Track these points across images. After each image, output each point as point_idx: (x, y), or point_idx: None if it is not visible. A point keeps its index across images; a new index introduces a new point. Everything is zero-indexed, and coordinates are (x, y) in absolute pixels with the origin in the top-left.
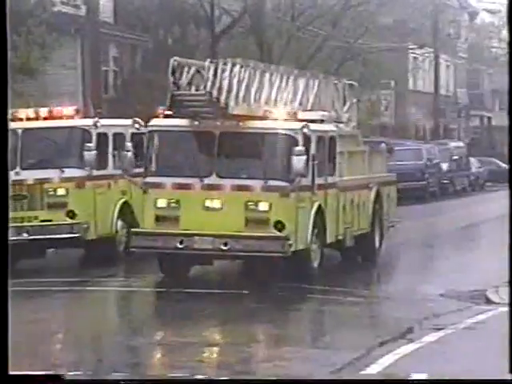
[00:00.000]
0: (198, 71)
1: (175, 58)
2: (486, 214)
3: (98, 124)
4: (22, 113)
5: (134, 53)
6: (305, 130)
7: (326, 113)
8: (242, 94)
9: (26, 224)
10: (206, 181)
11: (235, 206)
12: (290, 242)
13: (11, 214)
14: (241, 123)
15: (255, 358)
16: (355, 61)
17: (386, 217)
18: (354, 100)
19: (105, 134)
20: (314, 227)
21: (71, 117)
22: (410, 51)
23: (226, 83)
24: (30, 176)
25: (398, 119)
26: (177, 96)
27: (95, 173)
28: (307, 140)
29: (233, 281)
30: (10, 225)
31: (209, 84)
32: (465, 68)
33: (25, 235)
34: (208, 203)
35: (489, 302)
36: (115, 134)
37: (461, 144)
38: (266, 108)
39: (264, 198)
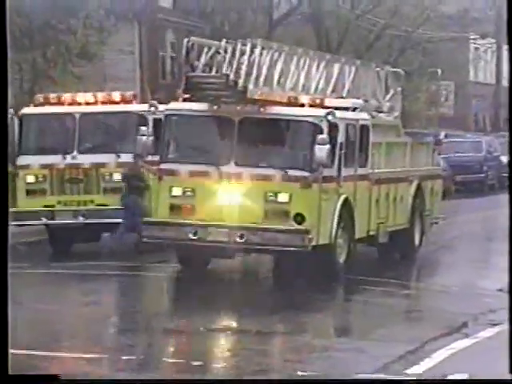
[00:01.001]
0: (217, 52)
1: (190, 38)
2: None
3: (154, 109)
4: (81, 97)
5: None
6: (330, 118)
7: (358, 100)
8: (263, 77)
9: (81, 208)
10: (224, 169)
11: (253, 196)
12: (311, 236)
13: (67, 198)
14: (262, 109)
15: (309, 347)
16: (415, 50)
17: (428, 212)
18: (399, 88)
19: (160, 120)
20: (339, 221)
21: (129, 101)
22: (472, 41)
23: (244, 65)
24: (86, 160)
25: (457, 110)
26: (191, 78)
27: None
28: (333, 128)
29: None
30: (67, 208)
31: (225, 66)
32: None
33: (81, 219)
34: (225, 193)
35: None
36: None
37: None
38: (291, 94)
39: (284, 189)
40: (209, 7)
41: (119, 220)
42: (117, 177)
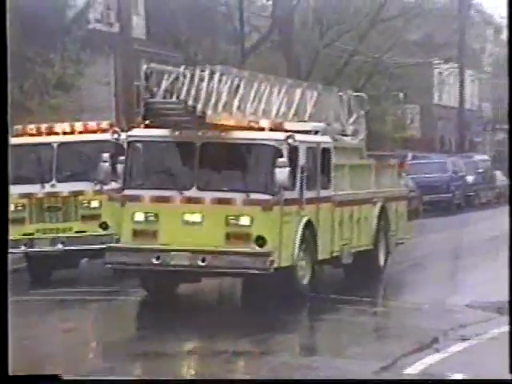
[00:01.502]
0: (177, 78)
1: (149, 64)
2: None
3: (117, 137)
4: (58, 127)
5: None
6: (289, 141)
7: (319, 124)
8: (222, 102)
9: (60, 235)
10: (186, 194)
11: (215, 220)
12: (272, 259)
13: (46, 225)
14: (222, 133)
15: (284, 366)
16: (382, 75)
17: (393, 233)
18: (362, 112)
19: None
20: (301, 243)
21: (105, 130)
22: (436, 66)
23: (203, 91)
24: (64, 188)
25: (424, 132)
26: (150, 104)
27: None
28: (294, 151)
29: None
30: (46, 236)
31: (184, 92)
32: (489, 82)
33: (60, 246)
34: (187, 217)
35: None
36: None
37: (486, 157)
38: (251, 118)
39: (245, 212)
40: (182, 37)
41: (97, 246)
42: (94, 204)
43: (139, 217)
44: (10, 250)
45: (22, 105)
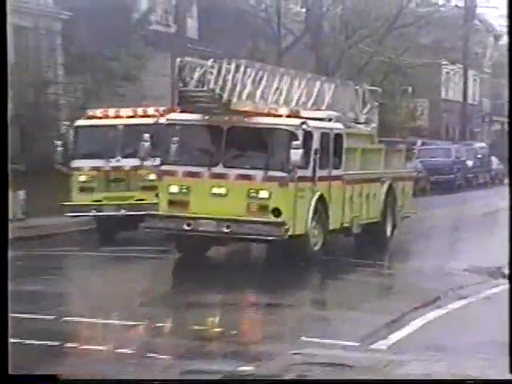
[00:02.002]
0: (206, 71)
1: (182, 58)
2: (504, 203)
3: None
4: (123, 111)
5: None
6: (304, 126)
7: (333, 112)
8: (246, 91)
9: (123, 202)
10: (214, 170)
11: (238, 193)
12: (287, 227)
13: (112, 194)
14: (246, 119)
15: (305, 317)
16: (397, 74)
17: (399, 208)
18: (375, 103)
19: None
20: (314, 214)
21: (162, 115)
22: (443, 66)
23: (229, 81)
24: (127, 163)
25: (431, 123)
26: (183, 92)
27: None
28: (308, 135)
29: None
30: (112, 202)
31: (212, 81)
32: (489, 81)
33: (123, 211)
34: (214, 190)
35: (504, 276)
36: None
37: (484, 145)
38: (272, 106)
39: (264, 187)
40: (228, 38)
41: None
42: (152, 177)
43: (174, 189)
44: (82, 214)
45: (94, 93)
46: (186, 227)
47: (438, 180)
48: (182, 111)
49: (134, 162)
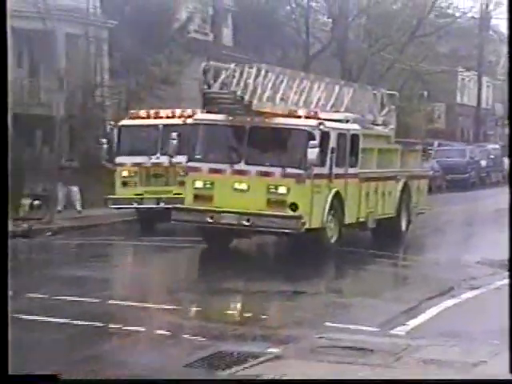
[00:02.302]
0: (230, 74)
1: (207, 62)
2: None
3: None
4: (163, 112)
5: None
6: (321, 127)
7: (350, 114)
8: (266, 94)
9: (162, 196)
10: (236, 167)
11: (258, 188)
12: (303, 221)
13: (152, 188)
14: (266, 119)
15: (326, 304)
16: (416, 80)
17: (414, 205)
18: (393, 107)
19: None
20: (330, 209)
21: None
22: (459, 73)
23: (250, 84)
24: (166, 160)
25: (448, 126)
26: (207, 94)
27: None
28: (325, 136)
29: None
30: (152, 196)
31: (234, 84)
32: (502, 87)
33: (162, 204)
34: (236, 185)
35: None
36: None
37: (497, 146)
38: (291, 108)
39: (283, 183)
40: (260, 45)
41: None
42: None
43: (198, 184)
44: (125, 206)
45: (137, 95)
46: (208, 220)
47: (453, 179)
48: (208, 112)
49: (173, 159)
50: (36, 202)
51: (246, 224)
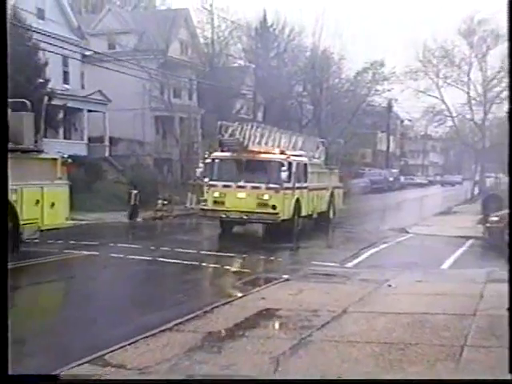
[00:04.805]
0: (234, 129)
1: (221, 122)
2: (401, 196)
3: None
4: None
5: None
6: (288, 159)
7: (302, 152)
8: (257, 140)
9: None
10: (238, 184)
11: (252, 196)
12: (279, 216)
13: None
14: (256, 155)
15: (310, 254)
16: (354, 136)
17: (336, 204)
18: (323, 147)
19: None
20: (294, 208)
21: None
22: (378, 134)
23: (247, 134)
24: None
25: (372, 160)
26: (222, 141)
27: None
28: (290, 164)
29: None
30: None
31: (237, 134)
32: (400, 141)
33: (244, 217)
34: (239, 195)
35: (407, 232)
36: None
37: (396, 170)
38: (270, 148)
39: (267, 193)
40: (277, 120)
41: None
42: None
43: (216, 194)
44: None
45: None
46: (222, 215)
47: (375, 187)
48: (221, 151)
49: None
50: (165, 202)
51: (245, 218)
